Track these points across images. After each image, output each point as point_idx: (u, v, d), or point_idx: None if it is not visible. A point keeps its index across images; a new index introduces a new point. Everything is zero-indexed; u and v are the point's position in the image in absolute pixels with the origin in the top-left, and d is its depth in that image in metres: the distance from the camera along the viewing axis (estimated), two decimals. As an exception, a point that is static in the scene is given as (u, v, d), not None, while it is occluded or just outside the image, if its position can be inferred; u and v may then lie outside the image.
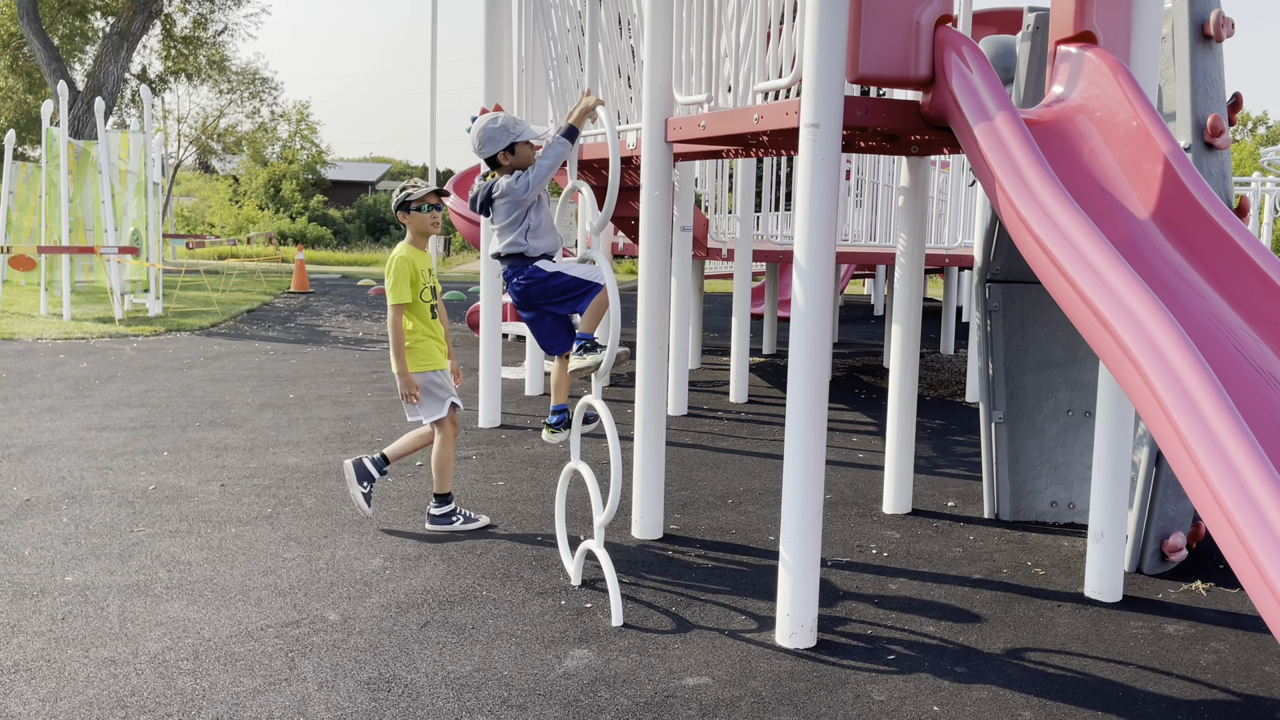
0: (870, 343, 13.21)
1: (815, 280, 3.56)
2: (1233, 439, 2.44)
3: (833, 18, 3.44)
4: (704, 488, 5.79)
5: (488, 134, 4.24)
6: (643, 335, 4.73)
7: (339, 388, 8.75)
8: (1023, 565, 4.65)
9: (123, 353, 10.64)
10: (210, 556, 4.43)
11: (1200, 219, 3.38)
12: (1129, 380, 2.76)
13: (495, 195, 4.27)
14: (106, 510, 5.06)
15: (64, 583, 4.09)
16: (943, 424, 7.85)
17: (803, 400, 3.60)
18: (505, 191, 4.23)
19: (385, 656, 3.48)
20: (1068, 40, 3.93)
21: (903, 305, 5.25)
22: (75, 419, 7.20)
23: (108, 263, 13.87)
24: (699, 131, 4.43)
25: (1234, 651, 3.75)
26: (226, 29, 31.13)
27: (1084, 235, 3.04)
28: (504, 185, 4.24)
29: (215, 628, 3.68)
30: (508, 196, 4.22)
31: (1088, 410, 5.12)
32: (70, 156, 14.87)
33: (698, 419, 7.76)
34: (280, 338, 12.29)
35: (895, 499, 5.43)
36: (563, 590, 4.15)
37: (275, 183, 44.19)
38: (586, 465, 4.12)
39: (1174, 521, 4.60)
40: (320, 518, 5.01)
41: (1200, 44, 4.53)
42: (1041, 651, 3.72)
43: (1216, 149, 4.54)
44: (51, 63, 22.45)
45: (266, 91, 37.77)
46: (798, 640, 3.67)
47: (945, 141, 4.48)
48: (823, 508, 3.72)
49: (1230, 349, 3.08)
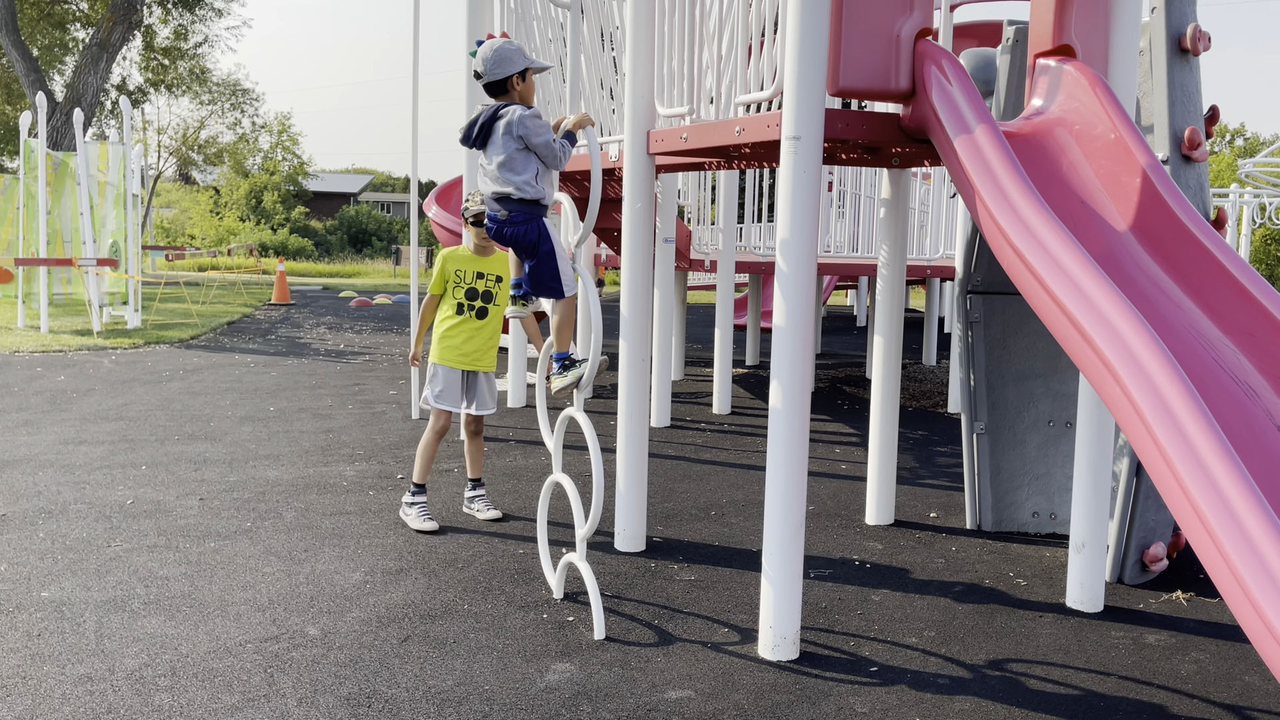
0: (852, 354, 13.25)
1: (797, 291, 3.57)
2: (1211, 450, 2.45)
3: (814, 31, 3.46)
4: (686, 499, 5.79)
5: (503, 54, 3.89)
6: (625, 346, 4.73)
7: (320, 400, 8.70)
8: (1005, 576, 4.66)
9: (101, 365, 10.56)
10: (189, 571, 4.39)
11: (1178, 231, 3.41)
12: (1108, 392, 2.77)
13: (503, 119, 3.83)
14: (83, 525, 5.01)
15: (40, 598, 4.05)
16: (925, 435, 7.87)
17: (785, 411, 3.60)
18: (523, 123, 3.80)
19: (365, 671, 3.45)
20: (1047, 54, 3.96)
21: (885, 316, 5.26)
22: (52, 433, 7.14)
23: (86, 275, 13.78)
24: (681, 144, 4.43)
25: (1214, 661, 3.77)
26: (207, 40, 31.09)
27: (1063, 247, 3.06)
28: (522, 116, 3.81)
29: (193, 643, 3.64)
30: (523, 131, 3.80)
31: (1069, 421, 5.14)
32: (49, 168, 14.78)
33: (680, 430, 7.76)
34: (261, 350, 12.23)
35: (878, 510, 5.43)
36: (545, 603, 4.13)
37: (256, 194, 44.07)
38: (568, 477, 4.10)
39: (1154, 532, 4.62)
40: (300, 531, 4.97)
41: (1177, 57, 4.57)
42: (1023, 662, 3.72)
43: (1194, 161, 4.58)
44: (30, 74, 22.32)
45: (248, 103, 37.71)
46: (780, 652, 3.66)
47: (926, 154, 4.50)
48: (805, 519, 3.72)
49: (1208, 360, 3.10)
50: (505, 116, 3.83)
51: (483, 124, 3.88)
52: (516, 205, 3.86)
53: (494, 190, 3.90)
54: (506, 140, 3.83)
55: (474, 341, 5.10)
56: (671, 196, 7.99)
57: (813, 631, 3.93)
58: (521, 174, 3.84)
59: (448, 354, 5.09)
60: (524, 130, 3.81)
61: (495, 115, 3.86)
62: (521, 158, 3.84)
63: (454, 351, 5.08)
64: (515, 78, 3.92)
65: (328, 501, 5.51)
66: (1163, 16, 4.53)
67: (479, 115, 3.91)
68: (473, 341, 5.10)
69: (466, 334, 5.08)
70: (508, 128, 3.82)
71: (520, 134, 3.81)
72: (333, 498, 5.59)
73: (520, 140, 3.82)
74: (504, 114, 3.84)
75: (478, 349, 5.12)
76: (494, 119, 3.86)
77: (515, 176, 3.84)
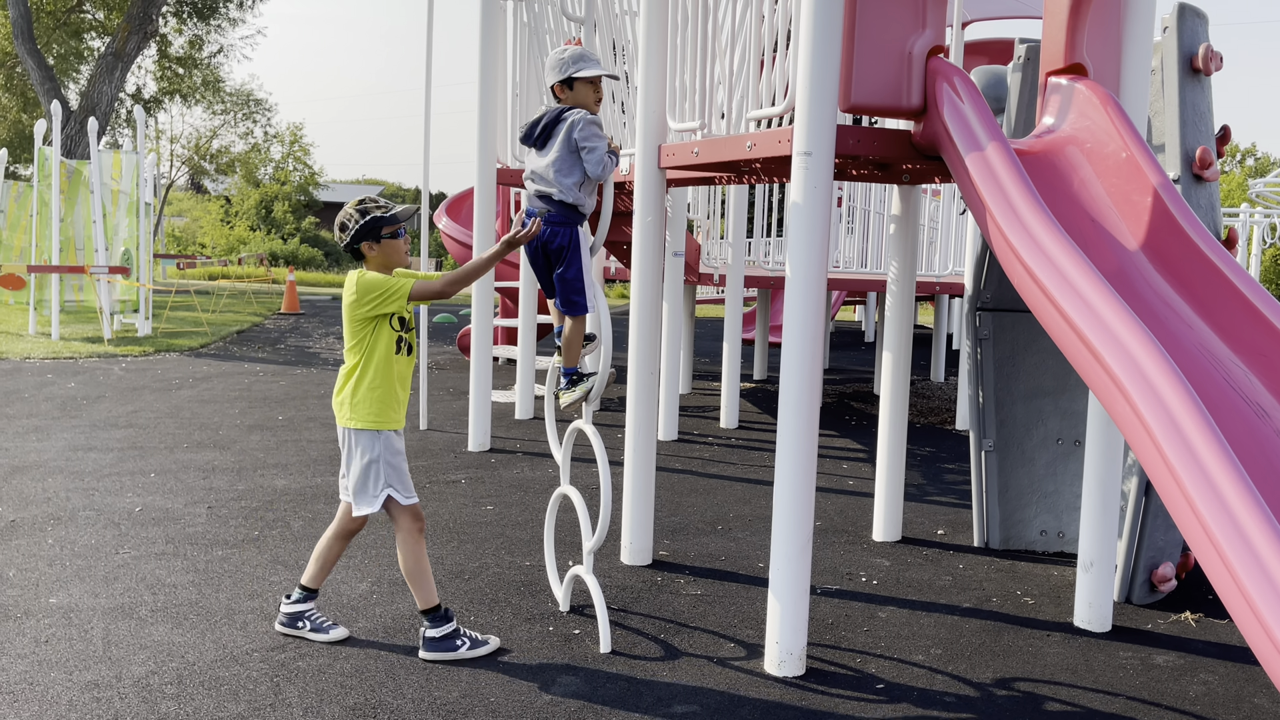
0: (861, 369, 13.23)
1: (807, 307, 3.57)
2: (1221, 470, 2.45)
3: (826, 47, 3.47)
4: (694, 513, 5.78)
5: (552, 61, 3.92)
6: (634, 360, 4.73)
7: (328, 410, 8.72)
8: (1012, 594, 4.64)
9: (111, 373, 10.59)
10: (196, 579, 4.40)
11: (1189, 250, 3.40)
12: (1118, 410, 2.77)
13: (566, 122, 3.81)
14: (92, 532, 5.02)
15: (48, 605, 4.06)
16: (933, 451, 7.85)
17: (793, 426, 3.60)
18: (583, 126, 3.80)
19: (371, 682, 3.45)
20: (1058, 72, 3.96)
21: (893, 332, 5.26)
22: (62, 439, 7.16)
23: (97, 282, 13.84)
24: (692, 158, 4.45)
25: (1223, 683, 3.75)
26: (222, 50, 31.27)
27: (1074, 265, 3.06)
28: (584, 120, 3.82)
29: (200, 651, 3.65)
30: (580, 134, 3.79)
31: (1077, 439, 5.13)
32: (62, 176, 14.87)
33: (688, 444, 7.75)
34: (270, 359, 12.26)
35: (885, 526, 5.42)
36: (551, 616, 4.13)
37: (267, 204, 44.24)
38: (576, 490, 4.10)
39: (1163, 551, 4.60)
40: (308, 541, 4.98)
41: (1189, 77, 4.57)
42: (1030, 681, 3.70)
43: (1205, 181, 4.57)
44: (45, 82, 22.49)
45: (260, 113, 37.94)
46: (786, 668, 3.65)
47: (936, 170, 4.51)
48: (812, 535, 3.71)
49: (1219, 380, 3.09)
50: (569, 119, 3.83)
51: (546, 124, 3.88)
52: (557, 206, 3.86)
53: (538, 189, 3.89)
54: (566, 142, 3.83)
55: (408, 385, 3.86)
56: (681, 210, 8.01)
57: (819, 648, 3.92)
58: (569, 177, 3.84)
59: (397, 411, 3.77)
60: (581, 134, 3.80)
61: (559, 117, 3.86)
62: (573, 161, 3.84)
63: (401, 407, 3.79)
64: (559, 85, 3.92)
65: (335, 511, 5.49)
66: (1175, 36, 4.54)
67: (543, 115, 3.90)
68: (407, 386, 3.85)
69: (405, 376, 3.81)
70: (569, 129, 3.82)
71: (577, 136, 3.81)
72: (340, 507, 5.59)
73: (575, 144, 3.82)
74: (568, 116, 3.84)
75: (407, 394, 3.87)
76: (558, 120, 3.86)
77: (564, 179, 3.83)
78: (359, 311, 3.67)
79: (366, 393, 3.69)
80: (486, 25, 7.47)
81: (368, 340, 3.70)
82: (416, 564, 3.70)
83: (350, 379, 3.73)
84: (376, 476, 3.69)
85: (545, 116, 3.89)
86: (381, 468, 3.69)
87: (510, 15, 7.79)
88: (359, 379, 3.71)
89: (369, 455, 3.69)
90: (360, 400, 3.69)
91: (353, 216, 3.68)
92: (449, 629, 3.67)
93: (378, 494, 3.69)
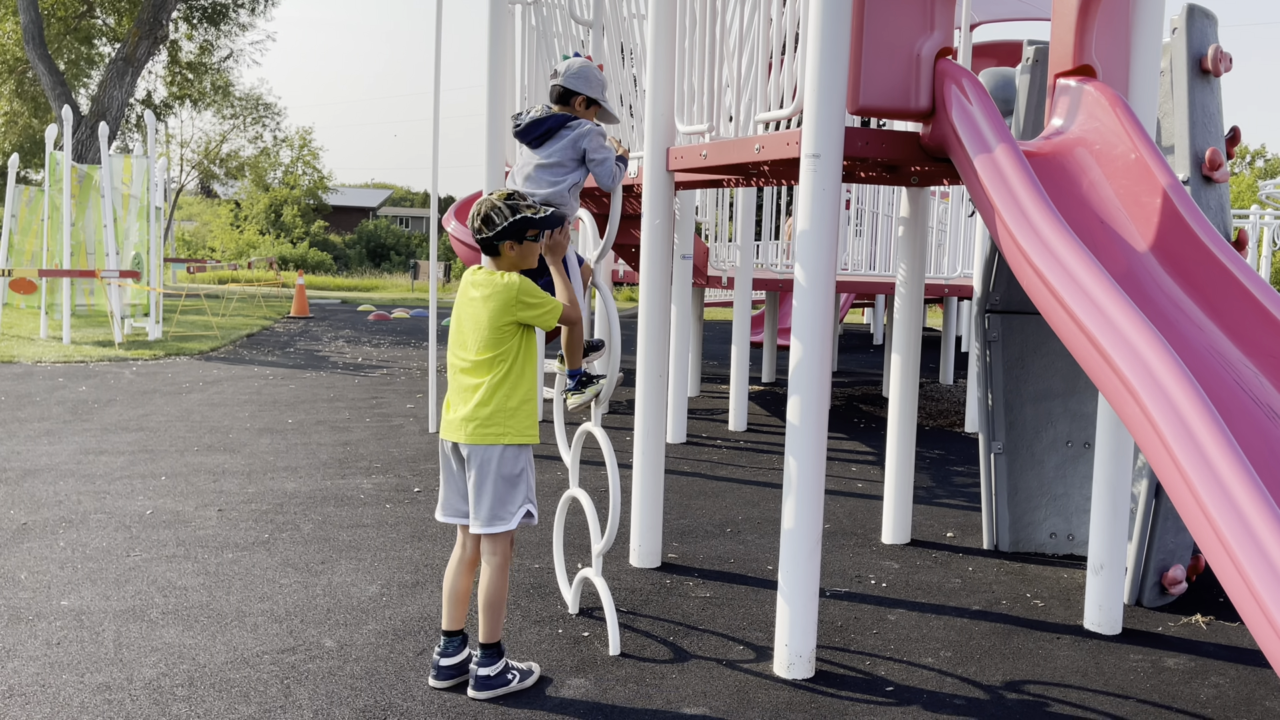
0: (869, 372, 13.21)
1: (816, 309, 3.57)
2: (1232, 472, 2.44)
3: (834, 50, 3.47)
4: (702, 516, 5.78)
5: (588, 74, 3.81)
6: (642, 362, 4.74)
7: (338, 413, 8.74)
8: (1022, 597, 4.63)
9: (122, 376, 10.63)
10: (207, 582, 4.41)
11: (1199, 252, 3.39)
12: (1128, 412, 2.76)
13: (575, 130, 3.75)
14: (103, 535, 5.04)
15: (60, 607, 4.07)
16: (942, 454, 7.84)
17: (802, 429, 3.60)
18: (593, 138, 3.74)
19: (382, 684, 3.46)
20: (1067, 73, 3.96)
21: (902, 335, 5.25)
22: (73, 442, 7.19)
23: (108, 286, 13.90)
24: (700, 161, 4.45)
25: (1234, 686, 3.73)
26: (232, 55, 31.38)
27: (1083, 267, 3.05)
28: (594, 131, 3.76)
29: (211, 654, 3.66)
30: (591, 145, 3.74)
31: (1087, 441, 5.12)
32: (73, 180, 14.93)
33: (697, 447, 7.75)
34: (280, 363, 12.30)
35: (894, 529, 5.41)
36: (560, 619, 4.13)
37: (276, 208, 44.37)
38: (585, 493, 4.11)
39: (1174, 554, 4.58)
40: (318, 543, 4.99)
41: (1198, 78, 4.57)
42: (1041, 684, 3.70)
43: (1215, 182, 4.56)
44: (56, 87, 22.59)
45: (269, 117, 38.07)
46: (796, 671, 3.65)
47: (945, 173, 4.51)
48: (821, 537, 3.71)
49: (1229, 382, 3.08)
50: (579, 128, 3.76)
51: (549, 126, 3.77)
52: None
53: (524, 189, 3.79)
54: (567, 148, 3.75)
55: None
56: (689, 213, 8.02)
57: (828, 650, 3.92)
58: (561, 182, 3.77)
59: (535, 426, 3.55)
60: (592, 145, 3.75)
61: (566, 122, 3.78)
62: (571, 166, 3.78)
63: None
64: (583, 99, 3.84)
65: (345, 514, 5.53)
66: (1184, 37, 4.53)
67: (544, 115, 3.78)
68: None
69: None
70: (577, 138, 3.74)
71: (586, 147, 3.76)
72: (350, 510, 5.61)
73: (582, 153, 3.77)
74: (576, 124, 3.77)
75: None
76: (564, 125, 3.78)
77: (556, 182, 3.76)
78: (508, 317, 3.41)
79: (521, 403, 3.45)
80: (495, 28, 7.50)
81: (517, 348, 3.45)
82: (501, 595, 3.45)
83: (497, 390, 3.41)
84: (519, 492, 3.47)
85: (548, 119, 3.80)
86: (526, 482, 3.49)
87: (518, 19, 7.82)
88: (511, 389, 3.43)
89: (515, 468, 3.45)
90: (514, 411, 3.43)
91: (502, 212, 3.44)
92: (501, 665, 3.46)
93: (517, 510, 3.46)
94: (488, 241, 3.46)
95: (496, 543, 3.45)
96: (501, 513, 3.42)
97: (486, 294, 3.42)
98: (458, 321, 3.52)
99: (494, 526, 3.42)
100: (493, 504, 3.41)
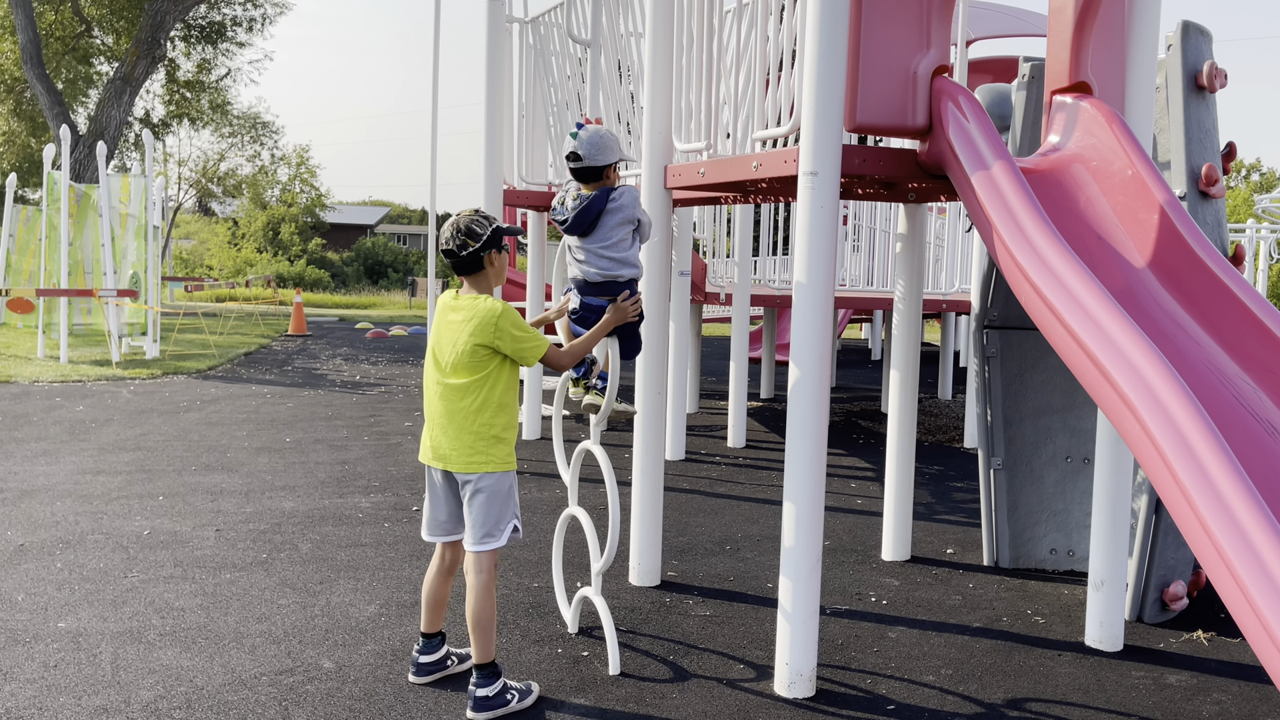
0: (868, 387, 13.21)
1: (814, 325, 3.57)
2: (1232, 487, 2.44)
3: (831, 67, 3.48)
4: (702, 534, 5.76)
5: (606, 142, 3.79)
6: (641, 379, 4.73)
7: (335, 432, 8.73)
8: (1022, 613, 4.62)
9: (119, 396, 10.62)
10: (204, 603, 4.39)
11: (1196, 267, 3.40)
12: (1127, 428, 2.76)
13: (618, 206, 3.77)
14: (101, 555, 5.02)
15: (57, 629, 4.05)
16: (941, 470, 7.83)
17: (801, 445, 3.59)
18: (637, 204, 3.81)
19: (380, 705, 3.44)
20: (1063, 90, 3.97)
21: (901, 350, 5.25)
22: (71, 462, 7.18)
23: (106, 305, 13.89)
24: (698, 178, 4.46)
25: (1236, 702, 3.72)
26: (230, 74, 31.46)
27: (1081, 283, 3.06)
28: (636, 198, 3.81)
29: (208, 676, 3.64)
30: (636, 211, 3.80)
31: (1086, 457, 5.11)
32: (71, 200, 14.95)
33: (695, 464, 7.74)
34: (277, 381, 12.28)
35: (894, 546, 5.40)
36: (559, 638, 4.11)
37: (274, 225, 44.43)
38: (584, 511, 4.09)
39: (1174, 570, 4.57)
40: (316, 564, 4.97)
41: (1194, 94, 4.58)
42: (1042, 702, 3.68)
43: (1211, 197, 4.57)
44: (54, 107, 22.63)
45: (267, 135, 38.12)
46: (796, 690, 3.63)
47: (942, 189, 4.52)
48: (821, 555, 3.70)
49: (1228, 397, 3.08)
50: (621, 199, 3.78)
51: (589, 213, 3.77)
52: (625, 286, 3.84)
53: (601, 275, 3.81)
54: (621, 226, 3.80)
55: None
56: (687, 229, 8.03)
57: (829, 669, 3.90)
58: (628, 251, 3.83)
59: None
60: (642, 213, 3.85)
61: (606, 200, 3.78)
62: (629, 238, 3.83)
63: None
64: (612, 166, 3.84)
65: (343, 533, 5.51)
66: (1179, 54, 4.55)
67: (582, 202, 3.78)
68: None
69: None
70: (627, 212, 3.79)
71: (639, 218, 3.84)
72: (348, 530, 5.59)
73: (635, 220, 3.83)
74: (617, 198, 3.78)
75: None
76: (606, 205, 3.78)
77: (627, 257, 3.82)
78: (486, 341, 3.39)
79: (504, 431, 3.47)
80: (493, 47, 7.52)
81: (496, 375, 3.45)
82: (489, 614, 3.45)
83: (476, 417, 3.43)
84: (508, 510, 3.51)
85: (592, 206, 3.78)
86: (513, 499, 3.53)
87: (516, 37, 7.84)
88: (493, 416, 3.44)
89: (503, 486, 3.48)
90: (495, 440, 3.45)
91: (481, 223, 3.44)
92: (499, 685, 3.42)
93: (506, 527, 3.50)
94: (474, 255, 3.45)
95: (483, 560, 3.48)
96: (494, 530, 3.49)
97: (467, 317, 3.42)
98: (435, 345, 3.52)
99: (485, 544, 3.48)
100: (485, 523, 3.48)
